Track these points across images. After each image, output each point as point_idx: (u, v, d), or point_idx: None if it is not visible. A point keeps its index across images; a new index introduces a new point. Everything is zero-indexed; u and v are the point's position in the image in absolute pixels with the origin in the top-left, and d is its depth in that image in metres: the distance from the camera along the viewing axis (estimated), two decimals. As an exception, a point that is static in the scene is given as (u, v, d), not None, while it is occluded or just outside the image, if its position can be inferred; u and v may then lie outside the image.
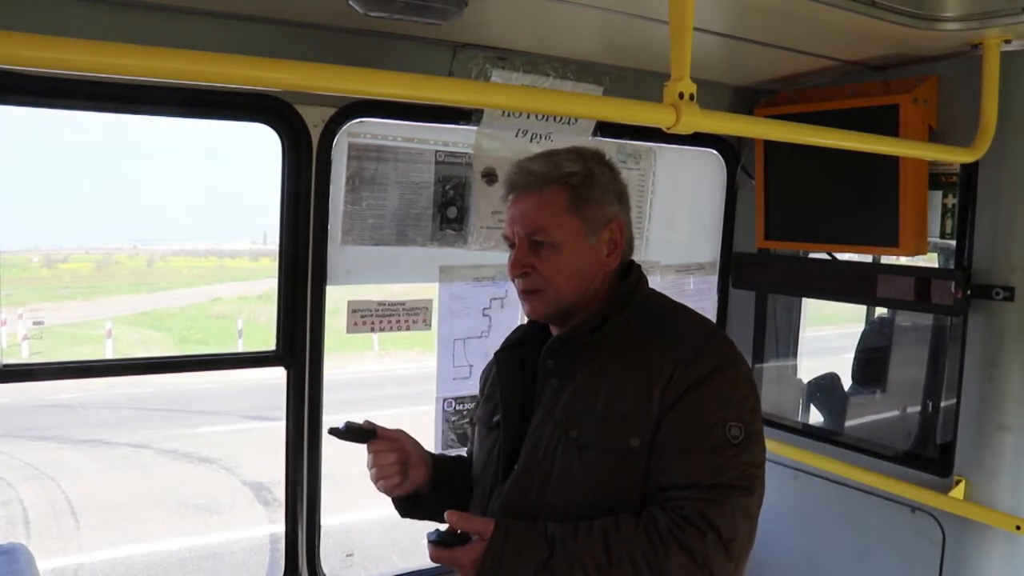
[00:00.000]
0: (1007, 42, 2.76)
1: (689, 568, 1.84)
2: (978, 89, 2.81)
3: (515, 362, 2.19)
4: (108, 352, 19.76)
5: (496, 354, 2.27)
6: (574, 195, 2.05)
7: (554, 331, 2.14)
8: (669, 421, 1.92)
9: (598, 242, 2.08)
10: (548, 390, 2.07)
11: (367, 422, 2.19)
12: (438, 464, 2.31)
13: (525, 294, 2.10)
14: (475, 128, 3.09)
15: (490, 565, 1.91)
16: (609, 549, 1.86)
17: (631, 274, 2.15)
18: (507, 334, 2.34)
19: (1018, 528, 2.91)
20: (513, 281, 2.12)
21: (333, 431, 2.15)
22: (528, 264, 2.06)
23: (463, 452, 2.65)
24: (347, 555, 7.54)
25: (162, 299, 28.25)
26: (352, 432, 2.16)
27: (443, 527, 2.03)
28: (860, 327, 4.33)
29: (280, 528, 3.10)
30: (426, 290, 3.20)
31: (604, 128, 3.33)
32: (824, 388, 4.14)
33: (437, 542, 2.01)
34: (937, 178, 3.18)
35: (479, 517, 2.04)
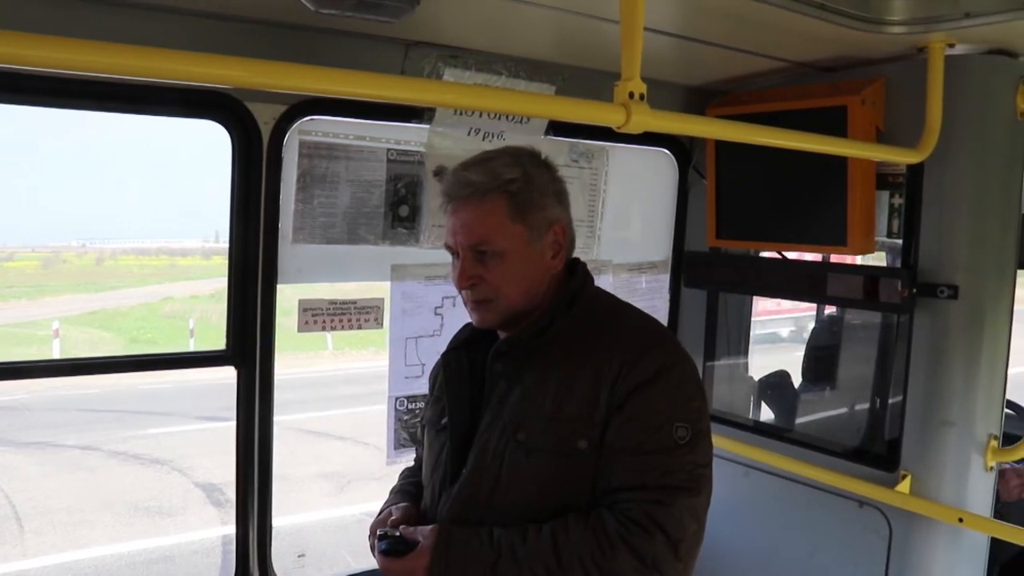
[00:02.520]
0: (951, 46, 2.82)
1: (638, 569, 1.85)
2: (923, 92, 2.86)
3: (463, 363, 2.18)
4: (55, 353, 19.39)
5: (444, 355, 2.27)
6: (515, 202, 2.04)
7: (501, 333, 2.14)
8: (616, 422, 1.93)
9: (542, 245, 2.08)
10: (496, 392, 2.06)
11: (395, 532, 2.06)
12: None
13: (474, 304, 2.09)
14: (427, 126, 3.08)
15: (439, 568, 1.92)
16: (558, 552, 1.86)
17: (576, 274, 2.15)
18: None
19: (961, 520, 2.97)
20: (460, 292, 2.11)
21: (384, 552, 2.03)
22: (475, 275, 2.05)
23: (413, 454, 2.63)
24: (299, 556, 7.50)
25: (112, 298, 27.85)
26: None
27: (388, 533, 2.03)
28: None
29: (232, 530, 3.06)
30: (378, 289, 3.19)
31: (556, 127, 3.33)
32: (774, 385, 4.18)
33: (388, 552, 2.00)
34: (884, 178, 3.22)
35: (425, 527, 2.03)
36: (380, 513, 2.25)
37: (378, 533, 2.07)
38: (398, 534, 2.03)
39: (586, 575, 1.85)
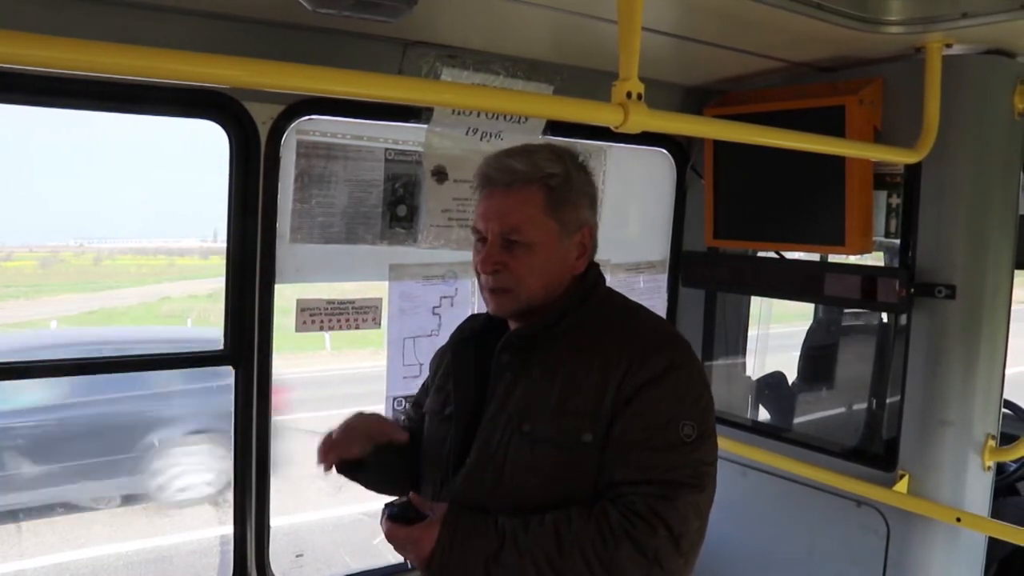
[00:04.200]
0: (948, 46, 2.82)
1: (639, 562, 1.85)
2: (921, 91, 2.86)
3: (470, 355, 2.19)
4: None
5: (451, 345, 2.27)
6: (553, 196, 2.04)
7: (511, 326, 2.14)
8: (623, 418, 1.93)
9: (570, 244, 2.09)
10: (502, 384, 2.07)
11: (409, 501, 2.06)
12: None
13: (492, 292, 2.09)
14: (425, 126, 3.08)
15: (443, 547, 1.92)
16: (560, 542, 1.87)
17: (589, 272, 2.16)
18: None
19: (959, 520, 2.98)
20: (479, 277, 2.11)
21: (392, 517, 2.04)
22: (500, 262, 2.04)
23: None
24: (297, 556, 7.49)
25: (110, 298, 27.76)
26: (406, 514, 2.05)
27: (398, 501, 2.03)
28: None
29: (230, 529, 3.06)
30: (376, 288, 3.18)
31: (554, 127, 3.33)
32: (772, 385, 4.19)
33: (396, 517, 1.99)
34: (882, 178, 3.22)
35: (436, 503, 2.04)
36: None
37: (387, 501, 2.07)
38: (407, 500, 2.03)
39: (587, 566, 1.86)
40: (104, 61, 1.47)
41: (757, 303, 4.29)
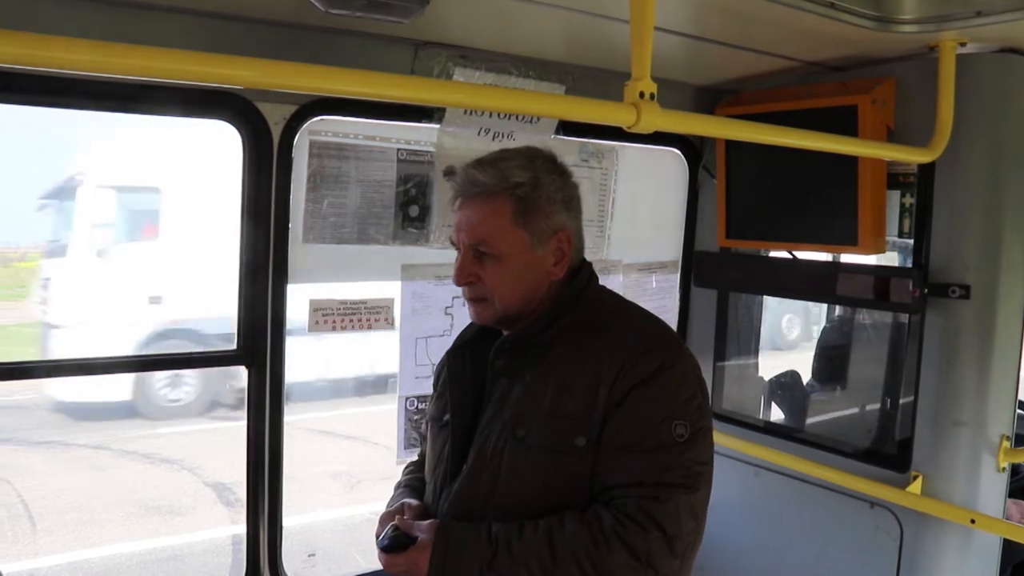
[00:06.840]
0: (962, 45, 2.80)
1: (633, 566, 1.85)
2: (935, 91, 2.85)
3: (467, 361, 2.19)
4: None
5: (448, 352, 2.27)
6: (521, 206, 2.04)
7: (504, 331, 2.15)
8: (615, 419, 1.93)
9: (544, 252, 2.08)
10: (497, 389, 2.07)
11: (399, 528, 2.06)
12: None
13: (471, 301, 2.11)
14: (437, 126, 3.08)
15: (438, 564, 1.93)
16: (554, 548, 1.87)
17: (580, 274, 2.15)
18: (467, 332, 2.33)
19: (973, 522, 2.96)
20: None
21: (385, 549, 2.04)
22: (472, 273, 2.06)
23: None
24: (309, 555, 7.49)
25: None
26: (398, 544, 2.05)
27: (387, 532, 2.03)
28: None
29: (242, 529, 3.07)
30: (388, 288, 3.19)
31: (567, 127, 3.33)
32: (785, 385, 4.17)
33: (390, 548, 2.00)
34: (895, 178, 3.21)
35: (423, 521, 2.04)
36: (389, 507, 2.25)
37: (378, 533, 2.08)
38: (396, 527, 2.03)
39: (580, 570, 1.85)
40: (117, 62, 1.47)
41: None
